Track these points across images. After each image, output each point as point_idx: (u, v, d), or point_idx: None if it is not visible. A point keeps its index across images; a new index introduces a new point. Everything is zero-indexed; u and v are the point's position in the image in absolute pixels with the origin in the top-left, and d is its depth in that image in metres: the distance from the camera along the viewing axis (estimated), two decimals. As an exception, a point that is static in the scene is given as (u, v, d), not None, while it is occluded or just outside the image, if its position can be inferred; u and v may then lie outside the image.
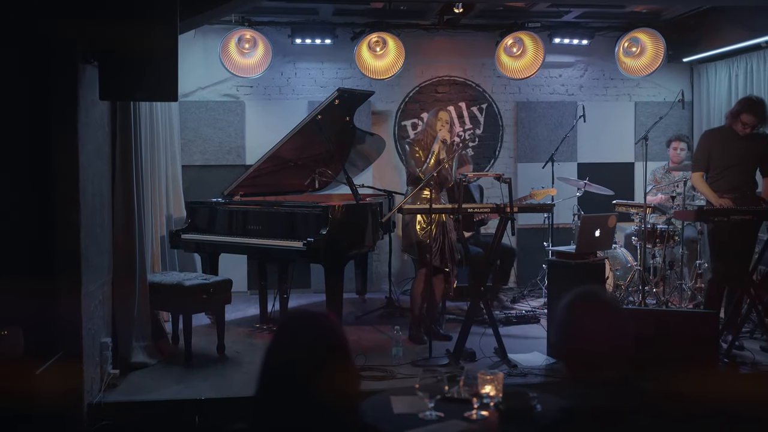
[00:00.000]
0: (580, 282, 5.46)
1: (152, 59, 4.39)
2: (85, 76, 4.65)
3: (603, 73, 8.82)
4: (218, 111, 8.31)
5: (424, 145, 6.11)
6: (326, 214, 5.98)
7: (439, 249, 6.00)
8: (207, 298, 5.70)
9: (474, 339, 5.78)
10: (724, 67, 8.20)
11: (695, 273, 7.18)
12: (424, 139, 6.14)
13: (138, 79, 4.39)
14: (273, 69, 8.04)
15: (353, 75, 8.42)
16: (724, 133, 6.06)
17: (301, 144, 6.86)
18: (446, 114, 6.20)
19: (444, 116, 6.15)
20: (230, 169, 8.28)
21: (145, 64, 4.38)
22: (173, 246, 6.85)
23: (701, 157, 6.01)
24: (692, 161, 6.13)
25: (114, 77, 4.39)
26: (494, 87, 8.71)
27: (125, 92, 4.43)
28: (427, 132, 6.14)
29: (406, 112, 8.62)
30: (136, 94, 4.46)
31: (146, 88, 4.39)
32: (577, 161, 8.72)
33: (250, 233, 6.43)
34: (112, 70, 4.40)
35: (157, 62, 4.40)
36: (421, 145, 6.10)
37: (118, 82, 4.39)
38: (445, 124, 6.13)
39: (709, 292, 5.98)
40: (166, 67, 4.41)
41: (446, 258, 6.02)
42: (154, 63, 4.39)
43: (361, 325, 6.86)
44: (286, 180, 7.32)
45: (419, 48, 8.30)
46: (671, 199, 7.19)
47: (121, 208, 5.33)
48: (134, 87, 4.38)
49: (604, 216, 5.77)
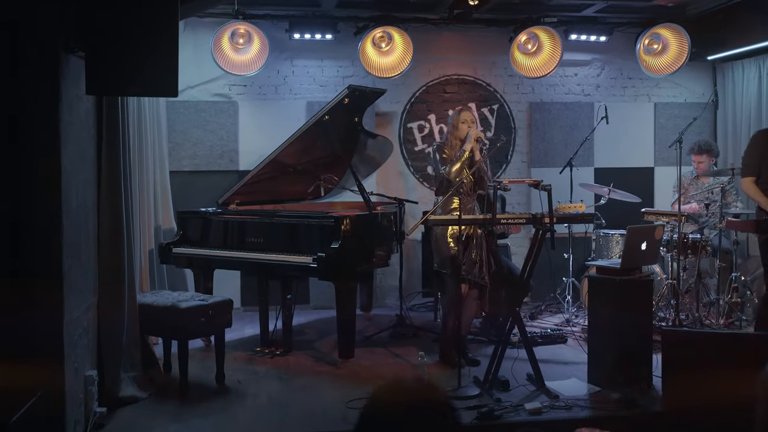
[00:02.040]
0: (625, 300, 4.90)
1: (149, 47, 3.74)
2: (68, 67, 3.98)
3: (621, 72, 8.27)
4: (209, 112, 7.64)
5: (451, 147, 5.54)
6: (338, 225, 5.35)
7: (475, 263, 5.40)
8: (206, 321, 5.04)
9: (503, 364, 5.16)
10: (753, 65, 7.68)
11: (732, 287, 6.63)
12: (451, 142, 5.57)
13: (132, 70, 3.73)
14: (269, 66, 7.40)
15: (355, 73, 7.81)
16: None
17: (304, 147, 6.23)
18: (469, 113, 5.66)
19: (468, 116, 5.60)
20: (222, 175, 7.62)
21: (140, 53, 3.73)
22: (163, 261, 6.19)
23: (752, 161, 5.46)
24: (742, 165, 5.58)
25: (103, 68, 3.73)
26: (506, 87, 8.12)
27: (117, 86, 3.76)
28: (452, 134, 5.57)
29: (412, 113, 8.01)
30: (130, 88, 3.79)
31: (142, 82, 3.74)
32: (594, 166, 8.15)
33: (250, 247, 5.79)
34: (101, 60, 3.73)
35: (155, 51, 3.74)
36: (450, 148, 5.52)
37: (109, 73, 3.73)
38: (472, 123, 5.58)
39: (761, 311, 5.41)
40: (166, 56, 3.76)
41: (483, 272, 5.42)
42: (151, 52, 3.74)
43: (372, 346, 6.20)
44: (287, 187, 6.69)
45: (426, 44, 7.69)
46: (705, 207, 6.65)
47: (108, 220, 4.66)
48: (128, 80, 3.72)
49: (651, 227, 5.19)
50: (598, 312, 5.07)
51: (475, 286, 5.47)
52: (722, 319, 6.50)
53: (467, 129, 5.54)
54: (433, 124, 8.01)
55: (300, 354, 5.98)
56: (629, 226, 5.13)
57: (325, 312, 7.57)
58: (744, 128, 7.82)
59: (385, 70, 7.46)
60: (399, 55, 7.44)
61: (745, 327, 6.52)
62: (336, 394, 4.97)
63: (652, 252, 5.16)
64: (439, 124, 8.00)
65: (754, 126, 7.67)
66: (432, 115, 8.00)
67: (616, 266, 5.03)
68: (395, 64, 7.47)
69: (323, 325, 7.16)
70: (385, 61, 7.49)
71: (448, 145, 5.57)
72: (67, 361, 4.01)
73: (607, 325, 4.99)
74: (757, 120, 7.64)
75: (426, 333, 6.64)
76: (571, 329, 6.71)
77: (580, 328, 6.75)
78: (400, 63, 7.44)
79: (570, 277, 7.24)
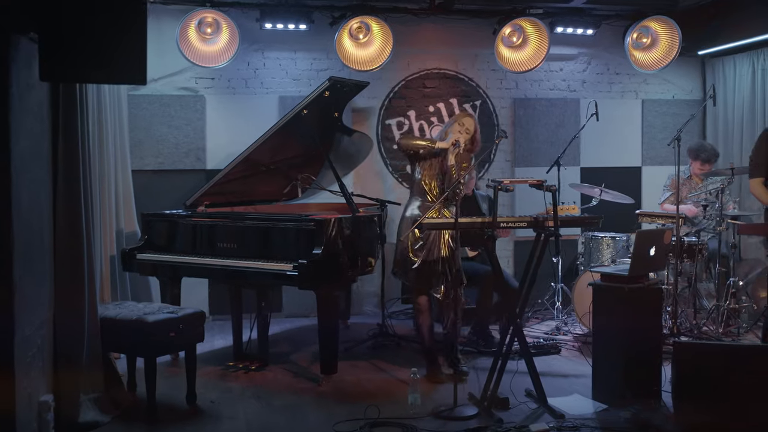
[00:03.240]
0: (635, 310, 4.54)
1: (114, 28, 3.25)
2: (18, 51, 3.48)
3: (608, 68, 7.92)
4: (174, 107, 7.12)
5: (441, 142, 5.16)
6: (321, 229, 4.89)
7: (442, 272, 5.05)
8: (176, 336, 4.53)
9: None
10: (746, 60, 7.39)
11: (730, 292, 6.31)
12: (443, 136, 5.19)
13: (94, 54, 3.24)
14: (238, 58, 6.91)
15: (330, 66, 7.35)
16: None
17: (279, 144, 5.76)
18: (472, 121, 5.24)
19: (469, 123, 5.21)
20: (188, 174, 7.11)
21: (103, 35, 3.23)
22: (126, 268, 5.67)
23: (762, 160, 5.13)
24: (750, 165, 5.25)
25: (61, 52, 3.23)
26: (489, 81, 7.72)
27: (77, 71, 3.26)
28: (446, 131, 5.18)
29: (390, 109, 7.57)
30: (93, 73, 3.29)
31: (106, 66, 3.24)
32: (581, 165, 7.79)
33: (222, 252, 5.31)
34: (58, 42, 3.23)
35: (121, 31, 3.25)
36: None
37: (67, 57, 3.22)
38: (465, 133, 5.18)
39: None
40: (133, 37, 3.28)
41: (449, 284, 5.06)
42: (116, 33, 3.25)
43: (354, 359, 5.74)
44: (260, 187, 6.22)
45: (406, 36, 7.25)
46: (703, 208, 6.32)
47: (65, 224, 4.14)
48: (89, 65, 3.22)
49: (660, 231, 4.82)
50: (604, 322, 4.68)
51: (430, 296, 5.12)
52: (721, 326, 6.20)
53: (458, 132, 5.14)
54: (412, 120, 7.58)
55: (277, 368, 5.50)
56: (638, 231, 4.79)
57: (299, 321, 7.13)
58: (736, 126, 7.53)
59: (363, 62, 7.02)
60: (378, 47, 7.01)
61: (743, 334, 6.22)
62: (320, 415, 4.51)
63: (660, 258, 4.79)
64: (419, 121, 7.58)
65: (747, 124, 7.39)
66: (412, 112, 7.58)
67: (622, 273, 4.65)
68: (374, 56, 7.03)
69: (298, 334, 6.70)
70: (363, 54, 7.05)
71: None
72: (18, 386, 3.52)
73: (614, 336, 4.60)
74: (750, 118, 7.35)
75: (410, 343, 6.22)
76: (564, 338, 6.35)
77: (573, 337, 6.39)
78: (379, 55, 7.00)
79: (559, 283, 6.87)
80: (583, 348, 6.02)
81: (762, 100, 7.17)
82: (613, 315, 4.61)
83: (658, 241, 4.68)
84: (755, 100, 7.27)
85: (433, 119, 7.60)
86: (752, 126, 7.33)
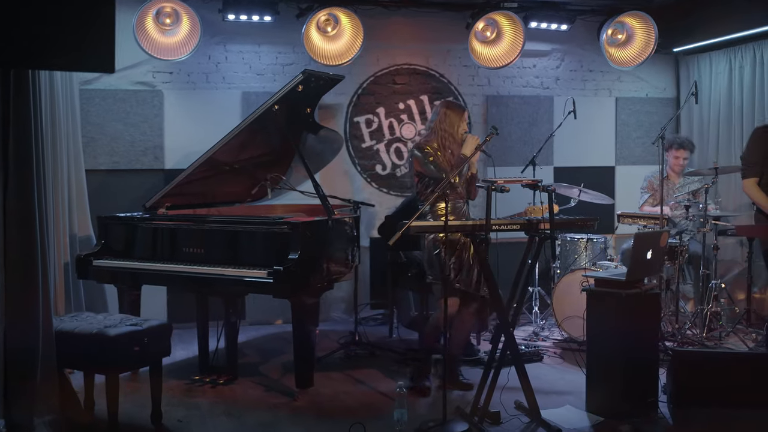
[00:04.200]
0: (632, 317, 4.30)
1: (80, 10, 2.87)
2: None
3: (581, 65, 7.72)
4: (130, 102, 6.68)
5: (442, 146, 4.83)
6: (297, 233, 4.55)
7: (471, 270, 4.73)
8: (140, 350, 4.14)
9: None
10: (722, 58, 7.24)
11: (711, 295, 6.15)
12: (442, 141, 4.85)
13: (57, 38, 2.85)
14: (199, 52, 6.50)
15: (296, 60, 7.00)
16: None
17: (246, 142, 5.39)
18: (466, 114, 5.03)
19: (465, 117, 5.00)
20: (145, 174, 6.70)
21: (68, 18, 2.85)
22: (81, 276, 5.24)
23: (755, 159, 4.94)
24: (743, 165, 5.06)
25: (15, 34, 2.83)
26: (460, 78, 7.45)
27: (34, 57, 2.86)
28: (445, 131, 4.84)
29: (359, 106, 7.24)
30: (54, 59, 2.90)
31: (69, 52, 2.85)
32: (554, 165, 7.57)
33: (187, 258, 4.95)
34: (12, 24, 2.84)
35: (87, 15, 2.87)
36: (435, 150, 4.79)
37: (23, 41, 2.83)
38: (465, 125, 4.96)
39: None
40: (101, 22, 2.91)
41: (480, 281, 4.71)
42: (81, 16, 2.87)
43: (328, 370, 5.39)
44: (224, 187, 5.84)
45: (375, 30, 6.92)
46: (686, 209, 6.14)
47: (15, 228, 3.72)
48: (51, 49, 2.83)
49: (657, 233, 4.59)
50: (599, 330, 4.42)
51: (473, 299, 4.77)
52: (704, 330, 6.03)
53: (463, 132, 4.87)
54: (382, 118, 7.27)
55: (246, 381, 5.13)
56: (636, 233, 4.53)
57: (264, 328, 6.77)
58: (712, 125, 7.39)
59: (332, 57, 6.68)
60: (347, 40, 6.68)
61: (725, 338, 6.06)
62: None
63: (657, 261, 4.56)
64: (388, 119, 7.27)
65: (723, 122, 7.25)
66: (381, 109, 7.26)
67: (618, 278, 4.41)
68: (343, 50, 6.70)
69: (265, 343, 6.33)
70: (331, 48, 6.71)
71: (431, 147, 4.81)
72: (-35, 412, 3.10)
73: (610, 345, 4.35)
74: (727, 116, 7.21)
75: (385, 352, 5.91)
76: (543, 344, 6.11)
77: (552, 343, 6.15)
78: (349, 49, 6.67)
79: (536, 286, 6.63)
80: (565, 355, 5.80)
81: (740, 98, 7.03)
82: (610, 322, 4.36)
83: (655, 244, 4.45)
84: (732, 99, 7.13)
85: (403, 117, 7.30)
86: (728, 124, 7.19)
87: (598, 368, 4.44)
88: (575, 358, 5.36)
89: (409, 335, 6.38)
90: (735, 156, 7.04)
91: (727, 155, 7.10)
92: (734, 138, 7.12)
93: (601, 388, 4.42)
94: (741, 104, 7.02)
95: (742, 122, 6.99)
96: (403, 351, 5.90)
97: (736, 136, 7.09)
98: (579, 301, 5.47)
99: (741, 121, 7.01)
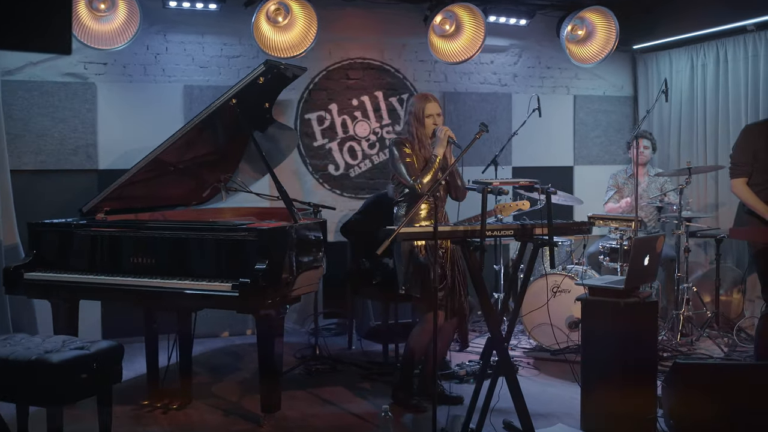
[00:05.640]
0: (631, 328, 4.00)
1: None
2: None
3: (539, 61, 7.44)
4: (58, 96, 6.04)
5: (415, 146, 4.46)
6: (265, 240, 4.07)
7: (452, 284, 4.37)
8: (88, 378, 3.59)
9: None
10: (684, 55, 7.07)
11: (683, 298, 5.95)
12: (416, 138, 4.48)
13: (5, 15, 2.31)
14: (137, 41, 5.93)
15: (243, 53, 6.50)
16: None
17: (193, 140, 4.85)
18: (436, 105, 4.59)
19: (434, 108, 4.55)
20: (77, 175, 6.10)
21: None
22: (9, 291, 4.60)
23: (745, 159, 4.71)
24: (732, 163, 4.83)
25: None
26: (417, 73, 7.07)
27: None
28: (415, 128, 4.45)
29: (310, 102, 6.78)
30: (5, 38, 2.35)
31: (19, 31, 2.32)
32: (512, 165, 7.27)
33: (134, 269, 4.38)
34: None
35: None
36: (412, 146, 4.42)
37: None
38: (438, 118, 4.55)
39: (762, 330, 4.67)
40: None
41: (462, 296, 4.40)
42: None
43: (290, 388, 4.89)
44: (169, 190, 5.28)
45: (327, 21, 6.44)
46: (657, 210, 5.92)
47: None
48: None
49: (653, 237, 4.29)
50: (596, 343, 4.10)
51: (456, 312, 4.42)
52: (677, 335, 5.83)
53: (433, 125, 4.47)
54: (334, 115, 6.82)
55: (202, 405, 4.62)
56: (635, 238, 4.26)
57: (210, 342, 6.25)
58: (673, 124, 7.21)
59: (284, 49, 6.19)
60: (299, 31, 6.20)
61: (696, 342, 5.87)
62: (273, 469, 3.72)
63: (653, 267, 4.27)
64: (341, 116, 6.83)
65: (685, 121, 7.08)
66: (333, 105, 6.81)
67: (614, 286, 4.09)
68: (295, 42, 6.22)
69: (214, 359, 5.82)
70: (283, 39, 6.22)
71: (409, 143, 4.46)
72: None
73: (608, 358, 4.03)
74: (688, 115, 7.04)
75: (347, 366, 5.48)
76: (513, 353, 5.78)
77: (523, 353, 5.84)
78: (302, 41, 6.20)
79: (501, 292, 6.31)
80: (540, 366, 5.50)
81: (702, 97, 6.87)
82: (607, 333, 4.04)
83: (651, 250, 4.15)
84: (694, 97, 6.96)
85: (356, 114, 6.87)
86: (690, 123, 7.03)
87: (594, 383, 4.11)
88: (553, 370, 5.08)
89: (370, 347, 5.98)
90: (697, 156, 6.88)
91: (689, 155, 6.93)
92: (696, 138, 6.96)
93: (598, 405, 4.10)
94: (704, 103, 6.85)
95: (705, 122, 6.83)
96: (367, 365, 5.49)
97: (699, 136, 6.92)
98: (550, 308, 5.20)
99: (704, 120, 6.85)
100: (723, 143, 6.62)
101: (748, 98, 6.40)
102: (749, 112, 6.37)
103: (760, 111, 6.23)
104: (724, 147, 6.60)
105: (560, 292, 5.69)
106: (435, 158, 4.35)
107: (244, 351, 6.00)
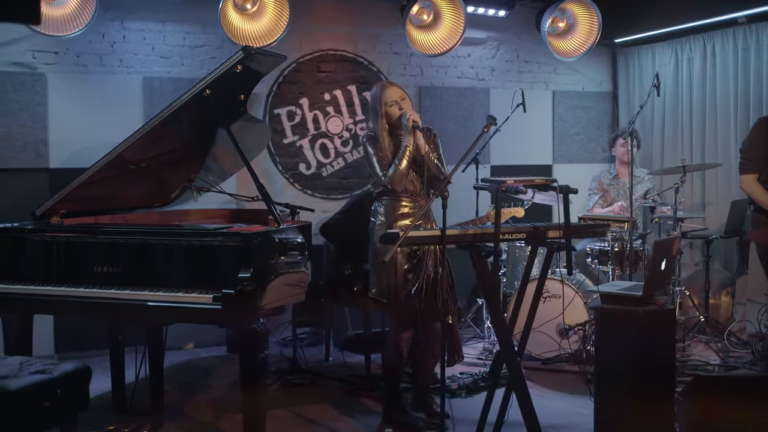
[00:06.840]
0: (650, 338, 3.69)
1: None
2: None
3: (517, 55, 7.13)
4: (4, 87, 5.51)
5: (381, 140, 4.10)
6: (250, 246, 3.64)
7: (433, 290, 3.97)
8: (51, 405, 3.12)
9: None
10: (667, 49, 6.83)
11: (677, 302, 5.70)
12: (379, 133, 4.10)
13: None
14: (91, 29, 5.41)
15: (207, 42, 6.06)
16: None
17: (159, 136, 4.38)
18: (396, 89, 4.16)
19: (394, 93, 4.12)
20: (25, 174, 5.59)
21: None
22: (-45, 304, 4.07)
23: (757, 154, 4.47)
24: (742, 159, 4.59)
25: None
26: (391, 66, 6.69)
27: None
28: (377, 123, 4.09)
29: (279, 96, 6.34)
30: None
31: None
32: (491, 163, 6.94)
33: (99, 280, 3.88)
34: None
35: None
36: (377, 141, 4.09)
37: None
38: (402, 101, 4.11)
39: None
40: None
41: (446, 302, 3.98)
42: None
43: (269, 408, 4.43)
44: (132, 190, 4.78)
45: (298, 10, 5.94)
46: (650, 210, 5.66)
47: None
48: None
49: (671, 240, 4.00)
50: (611, 355, 3.78)
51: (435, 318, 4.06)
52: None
53: (398, 111, 4.07)
54: (305, 110, 6.40)
55: (174, 428, 4.18)
56: (656, 240, 3.93)
57: (174, 355, 5.77)
58: (656, 120, 6.98)
59: (254, 38, 5.73)
60: (270, 19, 5.76)
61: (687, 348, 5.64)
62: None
63: (668, 272, 3.97)
64: (313, 111, 6.42)
65: (669, 118, 6.85)
66: (304, 99, 6.39)
67: (630, 293, 3.78)
68: (265, 30, 5.76)
69: (181, 374, 5.37)
70: (252, 28, 5.76)
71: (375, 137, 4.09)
72: None
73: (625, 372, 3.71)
74: (672, 111, 6.81)
75: (327, 380, 5.08)
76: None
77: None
78: (273, 30, 5.75)
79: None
80: (533, 376, 5.17)
81: (688, 92, 6.64)
82: (624, 344, 3.72)
83: (668, 253, 3.85)
84: (679, 93, 6.73)
85: (329, 109, 6.46)
86: (675, 119, 6.80)
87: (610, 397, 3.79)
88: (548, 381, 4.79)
89: (349, 357, 5.59)
90: (683, 154, 6.65)
91: (674, 152, 6.71)
92: (682, 135, 6.73)
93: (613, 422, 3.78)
94: (690, 98, 6.63)
95: (691, 118, 6.61)
96: (350, 378, 5.10)
97: (684, 132, 6.70)
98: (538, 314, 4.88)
99: (690, 116, 6.63)
100: (710, 140, 6.41)
101: (737, 93, 6.19)
102: (739, 107, 6.16)
103: (750, 106, 6.03)
104: (711, 144, 6.39)
105: (550, 297, 5.39)
106: (405, 149, 3.96)
107: (212, 365, 5.56)
